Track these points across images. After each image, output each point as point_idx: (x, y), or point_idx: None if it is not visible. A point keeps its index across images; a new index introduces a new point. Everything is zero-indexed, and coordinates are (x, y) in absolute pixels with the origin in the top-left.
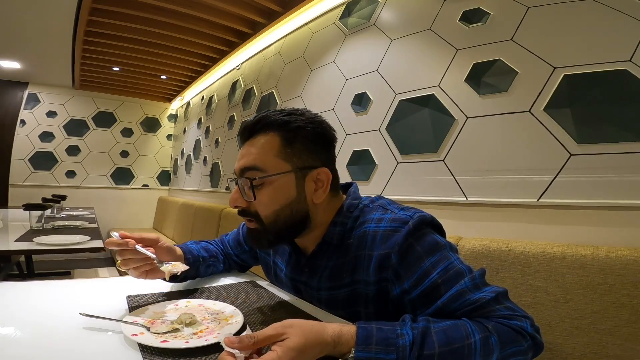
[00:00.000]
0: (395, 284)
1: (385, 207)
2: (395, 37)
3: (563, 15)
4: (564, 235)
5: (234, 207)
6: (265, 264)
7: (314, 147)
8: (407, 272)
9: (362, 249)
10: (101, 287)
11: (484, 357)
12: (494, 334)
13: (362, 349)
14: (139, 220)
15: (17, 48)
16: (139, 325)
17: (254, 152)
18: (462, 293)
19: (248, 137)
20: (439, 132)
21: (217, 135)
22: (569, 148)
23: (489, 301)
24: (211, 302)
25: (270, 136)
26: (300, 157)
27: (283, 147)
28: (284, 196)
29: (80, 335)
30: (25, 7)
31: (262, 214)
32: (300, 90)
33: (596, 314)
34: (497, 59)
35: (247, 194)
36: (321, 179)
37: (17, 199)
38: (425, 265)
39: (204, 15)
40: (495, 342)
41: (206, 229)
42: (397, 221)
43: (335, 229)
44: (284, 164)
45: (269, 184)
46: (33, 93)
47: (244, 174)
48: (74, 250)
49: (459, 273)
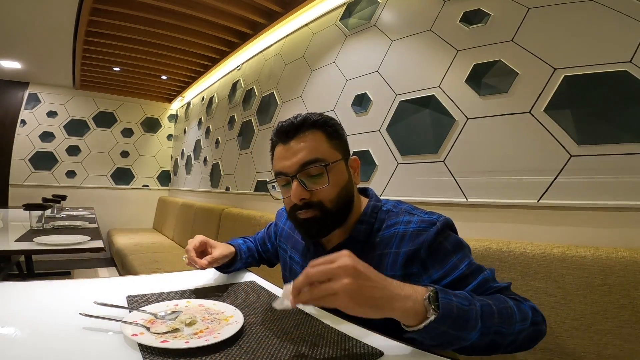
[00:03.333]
0: (423, 276)
1: (410, 211)
2: (395, 37)
3: (563, 16)
4: (564, 236)
5: (299, 201)
6: (283, 261)
7: (343, 139)
8: (436, 265)
9: (389, 248)
10: (101, 287)
11: (522, 319)
12: (523, 302)
13: (444, 294)
14: (139, 220)
15: (18, 48)
16: (139, 326)
17: (309, 148)
18: (486, 281)
19: (293, 137)
20: (439, 133)
21: (217, 135)
22: (569, 149)
23: (507, 287)
24: (211, 302)
25: (316, 132)
26: (341, 147)
27: (329, 141)
28: (342, 179)
29: (80, 335)
30: (26, 7)
31: (327, 198)
32: (301, 91)
33: (596, 315)
34: (498, 60)
35: (313, 184)
36: (353, 165)
37: (18, 199)
38: (453, 260)
39: (205, 15)
40: (527, 308)
41: (206, 230)
42: (425, 222)
43: (361, 227)
44: (336, 153)
45: (331, 170)
46: (33, 93)
47: (306, 167)
48: (74, 250)
49: (480, 268)
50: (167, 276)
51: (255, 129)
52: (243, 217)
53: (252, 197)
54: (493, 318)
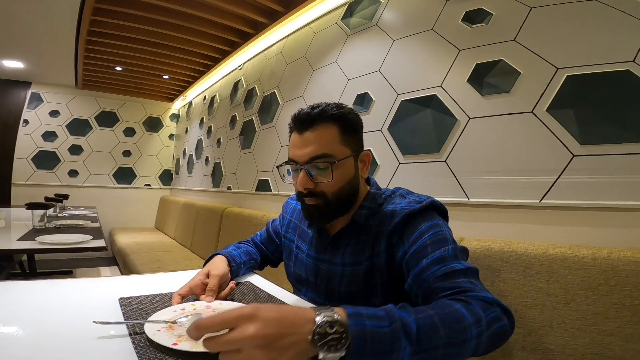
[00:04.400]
0: (399, 247)
1: (404, 195)
2: (397, 37)
3: (566, 15)
4: (567, 236)
5: (303, 190)
6: (288, 251)
7: (358, 134)
8: (408, 234)
9: (382, 226)
10: (103, 286)
11: (476, 322)
12: (471, 302)
13: (355, 318)
14: (141, 219)
15: (21, 48)
16: (164, 333)
17: (320, 142)
18: (443, 258)
19: (308, 128)
20: (441, 133)
21: (219, 135)
22: (572, 149)
23: (457, 271)
24: (217, 303)
25: (330, 126)
26: (353, 143)
27: (342, 136)
28: (347, 175)
29: (82, 334)
30: (28, 7)
31: (330, 190)
32: (302, 91)
33: (598, 315)
34: (500, 60)
35: (319, 176)
36: (364, 159)
37: (20, 198)
38: (422, 228)
39: (206, 15)
40: (477, 307)
41: (208, 229)
42: (413, 202)
43: (362, 211)
44: (346, 150)
45: (337, 167)
46: (36, 92)
47: (314, 160)
48: (76, 249)
49: (445, 240)
50: (167, 276)
51: (256, 129)
52: (244, 217)
53: (254, 196)
54: (437, 332)
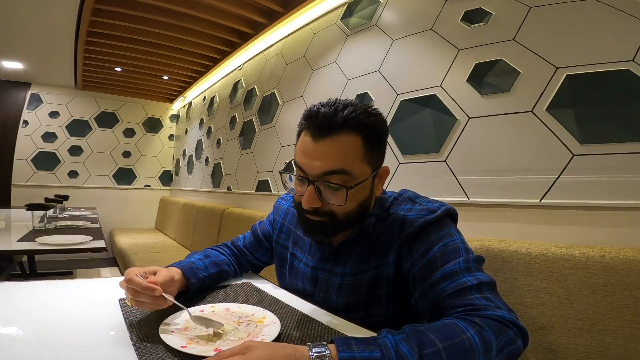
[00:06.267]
0: (408, 258)
1: (413, 199)
2: (396, 37)
3: (565, 15)
4: (567, 235)
5: (309, 208)
6: (280, 258)
7: (383, 146)
8: (418, 246)
9: (390, 234)
10: (103, 287)
11: (486, 351)
12: (484, 327)
13: (344, 348)
14: (141, 220)
15: (20, 49)
16: (182, 335)
17: (339, 156)
18: (454, 273)
19: (326, 135)
20: (440, 133)
21: (218, 135)
22: (572, 148)
23: (469, 287)
24: (236, 306)
25: (354, 138)
26: (377, 159)
27: (365, 151)
28: (362, 196)
29: (82, 334)
30: (27, 8)
31: (340, 211)
32: (302, 91)
33: (599, 315)
34: (499, 59)
35: (330, 195)
36: (381, 175)
37: (20, 199)
38: (432, 239)
39: (206, 15)
40: (489, 334)
41: (208, 229)
42: (425, 210)
43: (371, 219)
44: (367, 168)
45: (354, 191)
46: (36, 93)
47: (327, 175)
48: (76, 250)
49: (456, 250)
50: None
51: (256, 129)
52: (244, 217)
53: (254, 196)
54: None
